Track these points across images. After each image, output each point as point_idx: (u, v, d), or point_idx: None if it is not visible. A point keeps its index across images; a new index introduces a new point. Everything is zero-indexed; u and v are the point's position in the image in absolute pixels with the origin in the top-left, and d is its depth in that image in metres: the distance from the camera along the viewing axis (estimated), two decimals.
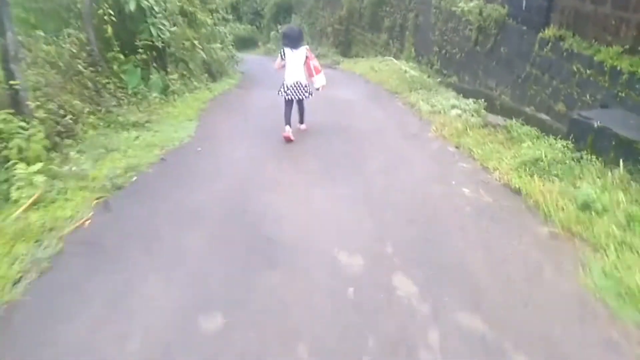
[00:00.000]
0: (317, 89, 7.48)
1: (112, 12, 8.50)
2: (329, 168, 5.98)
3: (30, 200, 4.90)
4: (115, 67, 8.62)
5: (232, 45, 25.40)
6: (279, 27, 24.06)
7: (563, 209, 4.58)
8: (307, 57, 7.22)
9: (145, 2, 8.77)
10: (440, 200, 5.00)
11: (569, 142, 5.86)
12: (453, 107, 8.23)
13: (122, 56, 8.67)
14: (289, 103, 7.15)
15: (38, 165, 5.28)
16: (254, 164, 6.21)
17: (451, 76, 12.80)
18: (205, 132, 7.55)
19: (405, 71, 12.18)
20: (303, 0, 23.92)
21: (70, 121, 6.87)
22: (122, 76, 8.65)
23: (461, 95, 10.75)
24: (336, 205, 4.91)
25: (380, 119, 8.16)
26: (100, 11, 8.45)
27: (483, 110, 7.83)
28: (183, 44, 10.83)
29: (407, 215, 4.60)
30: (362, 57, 19.04)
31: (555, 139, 6.22)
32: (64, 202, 5.03)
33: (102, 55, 8.67)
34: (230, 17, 21.62)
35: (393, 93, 10.21)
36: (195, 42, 11.05)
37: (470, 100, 8.75)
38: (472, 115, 7.68)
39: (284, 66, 7.18)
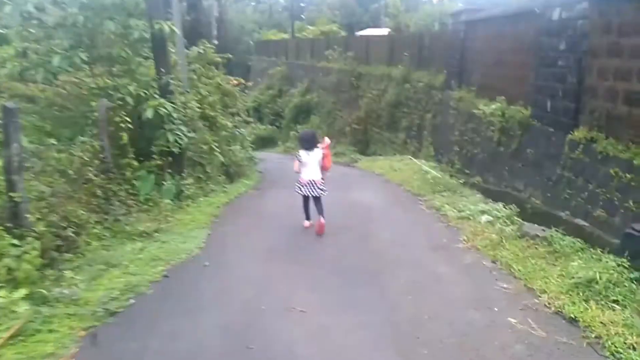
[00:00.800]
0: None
1: (128, 119, 8.23)
2: (349, 287, 5.19)
3: (7, 334, 4.17)
4: (128, 173, 8.20)
5: (253, 145, 25.72)
6: (298, 127, 24.24)
7: (634, 348, 3.68)
8: (323, 154, 7.52)
9: (163, 110, 8.51)
10: (483, 334, 4.12)
11: (624, 259, 5.01)
12: (483, 212, 7.51)
13: (135, 162, 8.28)
14: (306, 199, 7.53)
15: (22, 292, 4.60)
16: (264, 282, 5.45)
17: (474, 176, 12.18)
18: (215, 242, 6.89)
19: (427, 172, 11.61)
20: (322, 101, 24.25)
21: (72, 234, 6.29)
22: (135, 182, 8.20)
23: (487, 198, 10.07)
24: (358, 340, 4.06)
25: (404, 225, 7.44)
26: (117, 118, 8.18)
27: (516, 217, 7.07)
28: (201, 147, 10.51)
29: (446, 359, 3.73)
30: (380, 155, 18.72)
31: (603, 252, 5.39)
32: (48, 334, 4.29)
33: (116, 162, 8.28)
34: (251, 119, 21.89)
35: (415, 195, 9.56)
36: (214, 145, 10.74)
37: (500, 204, 8.03)
38: (506, 223, 6.92)
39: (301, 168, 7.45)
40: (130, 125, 8.24)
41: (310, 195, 7.35)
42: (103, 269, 5.81)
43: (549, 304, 4.61)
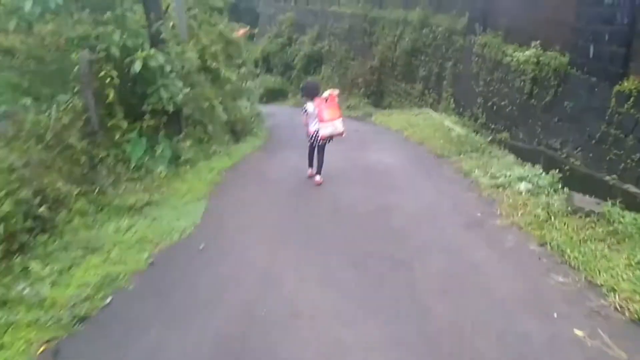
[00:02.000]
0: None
1: (115, 74, 7.11)
2: (369, 282, 4.23)
3: None
4: (117, 136, 7.17)
5: (262, 98, 24.43)
6: (309, 78, 22.83)
7: None
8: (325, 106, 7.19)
9: (154, 63, 7.36)
10: (545, 355, 3.14)
11: None
12: (520, 179, 6.42)
13: (125, 124, 7.22)
14: (312, 148, 7.42)
15: None
16: (267, 275, 4.48)
17: (501, 132, 10.97)
18: (213, 217, 5.91)
19: (450, 128, 10.42)
20: (333, 50, 22.67)
21: (46, 212, 5.34)
22: (125, 147, 7.18)
23: (518, 157, 8.92)
24: None
25: (430, 195, 6.38)
26: (102, 73, 7.06)
27: (562, 187, 5.98)
28: (201, 104, 9.39)
29: None
30: (396, 108, 17.44)
31: None
32: None
33: (103, 123, 7.24)
34: (258, 70, 20.60)
35: (439, 156, 8.44)
36: (216, 101, 9.61)
37: (538, 167, 6.93)
38: (549, 193, 5.83)
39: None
40: (117, 81, 7.12)
41: (316, 145, 7.27)
42: (80, 256, 4.90)
43: (621, 307, 3.60)
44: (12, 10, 7.05)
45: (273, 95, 24.34)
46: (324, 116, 7.08)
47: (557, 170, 7.46)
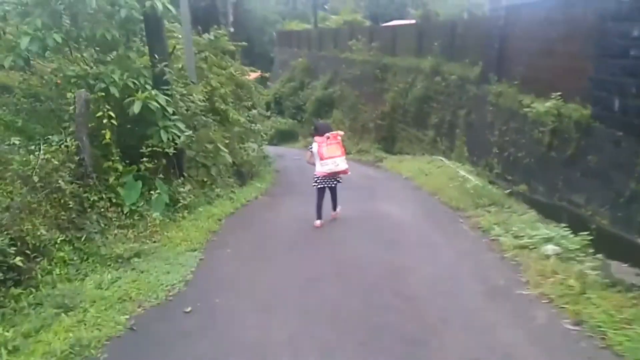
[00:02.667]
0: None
1: (113, 115, 6.68)
2: None
3: None
4: (111, 179, 6.67)
5: (273, 140, 24.12)
6: (320, 121, 22.55)
7: None
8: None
9: (154, 103, 6.94)
10: None
11: None
12: (546, 240, 5.77)
13: (120, 166, 6.73)
14: (320, 191, 7.18)
15: None
16: (258, 354, 3.82)
17: (518, 184, 10.36)
18: (206, 273, 5.31)
19: (464, 177, 9.85)
20: (345, 95, 22.46)
21: (22, 262, 4.77)
22: (120, 191, 6.67)
23: (538, 212, 8.29)
24: None
25: (446, 256, 5.72)
26: (100, 113, 6.64)
27: (594, 252, 5.33)
28: (205, 147, 8.94)
29: None
30: (407, 154, 16.94)
31: None
32: None
33: (98, 165, 6.77)
34: (268, 113, 20.31)
35: (454, 209, 7.82)
36: (220, 144, 9.15)
37: (564, 227, 6.30)
38: (580, 260, 5.17)
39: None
40: (114, 122, 6.68)
41: (324, 186, 7.14)
42: (53, 315, 4.30)
43: None
44: (9, 48, 6.72)
45: (284, 137, 24.06)
46: (324, 153, 6.97)
47: (583, 229, 6.82)
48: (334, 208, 7.34)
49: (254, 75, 29.07)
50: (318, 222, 7.05)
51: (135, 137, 7.39)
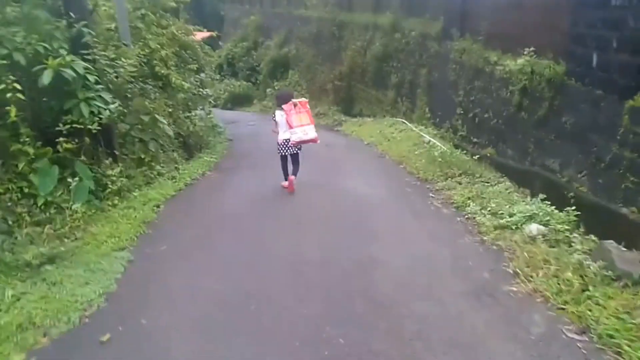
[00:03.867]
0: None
1: (19, 87, 5.38)
2: None
3: None
4: (21, 165, 5.45)
5: (228, 104, 22.63)
6: (275, 83, 21.21)
7: None
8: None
9: (70, 72, 5.67)
10: None
11: None
12: (529, 217, 5.03)
13: (31, 149, 5.50)
14: (284, 158, 7.15)
15: None
16: None
17: (485, 146, 9.65)
18: (134, 281, 4.29)
19: (429, 143, 9.03)
20: (301, 54, 21.11)
21: None
22: (33, 179, 5.47)
23: (507, 177, 7.58)
24: None
25: (420, 242, 4.86)
26: (2, 86, 5.33)
27: (591, 236, 4.60)
28: (141, 119, 7.70)
29: None
30: (367, 116, 16.02)
31: None
32: None
33: (5, 149, 5.52)
34: (222, 75, 18.85)
35: (422, 181, 7.01)
36: (158, 115, 7.93)
37: (545, 203, 5.57)
38: (571, 241, 4.44)
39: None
40: (21, 95, 5.40)
41: (287, 154, 7.06)
42: None
43: None
44: None
45: (238, 101, 22.64)
46: (293, 121, 6.84)
47: (560, 198, 6.15)
48: (294, 173, 7.10)
49: (202, 35, 27.16)
50: (286, 182, 7.03)
51: (52, 112, 6.11)
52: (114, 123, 6.94)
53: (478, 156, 7.85)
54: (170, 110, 10.01)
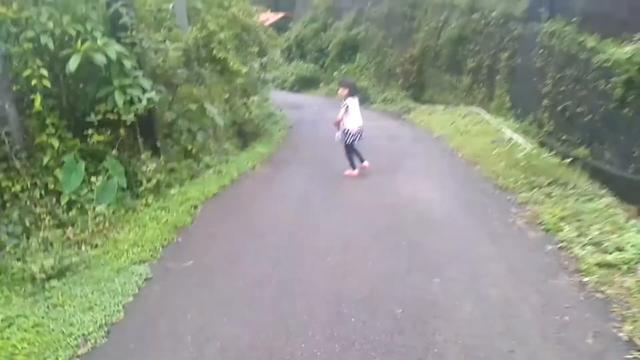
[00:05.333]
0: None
1: (45, 73, 4.77)
2: None
3: None
4: (46, 160, 4.87)
5: (295, 86, 21.80)
6: (343, 66, 20.09)
7: None
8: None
9: (101, 57, 4.98)
10: None
11: None
12: None
13: (56, 142, 4.90)
14: (351, 147, 6.84)
15: None
16: None
17: (577, 146, 8.14)
18: (147, 309, 3.52)
19: (510, 140, 7.69)
20: (370, 36, 19.80)
21: None
22: (58, 175, 4.88)
23: (604, 185, 6.15)
24: None
25: (497, 283, 3.62)
26: (28, 72, 4.74)
27: None
28: (189, 107, 7.00)
29: None
30: (439, 103, 14.60)
31: None
32: None
33: (31, 140, 4.97)
34: (281, 60, 17.91)
35: (502, 190, 5.77)
36: (208, 103, 7.17)
37: None
38: None
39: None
40: (46, 82, 4.79)
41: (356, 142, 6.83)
42: None
43: None
44: None
45: (305, 84, 21.82)
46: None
47: None
48: (363, 159, 6.95)
49: (274, 16, 26.41)
50: (354, 171, 6.84)
51: (87, 101, 5.50)
52: (156, 112, 6.27)
53: (570, 159, 6.45)
54: (226, 96, 9.31)
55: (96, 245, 4.43)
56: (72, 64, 4.84)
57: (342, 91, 6.82)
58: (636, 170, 6.60)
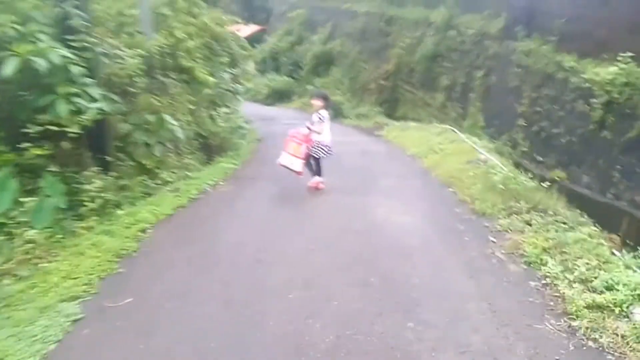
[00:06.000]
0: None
1: None
2: None
3: None
4: None
5: (268, 99, 21.27)
6: (317, 79, 19.73)
7: None
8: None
9: (41, 62, 4.38)
10: None
11: None
12: (638, 294, 3.35)
13: None
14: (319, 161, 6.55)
15: None
16: None
17: (552, 168, 7.88)
18: None
19: (486, 161, 7.37)
20: (345, 51, 19.52)
21: None
22: None
23: (582, 211, 5.83)
24: None
25: (478, 326, 3.16)
26: None
27: None
28: (147, 118, 6.41)
29: None
30: (412, 119, 14.32)
31: None
32: None
33: None
34: (253, 71, 17.40)
35: (479, 215, 5.37)
36: (166, 114, 6.60)
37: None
38: None
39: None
40: None
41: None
42: None
43: None
44: None
45: (278, 96, 21.35)
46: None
47: None
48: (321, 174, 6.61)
49: (248, 29, 25.92)
50: (320, 182, 6.48)
51: (27, 110, 4.87)
52: (108, 123, 5.67)
53: (548, 183, 6.13)
54: (192, 107, 8.73)
55: (20, 279, 3.79)
56: (8, 68, 4.23)
57: (316, 102, 6.56)
58: (616, 195, 6.32)
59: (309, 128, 6.43)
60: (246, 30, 24.13)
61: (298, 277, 3.87)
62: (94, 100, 5.01)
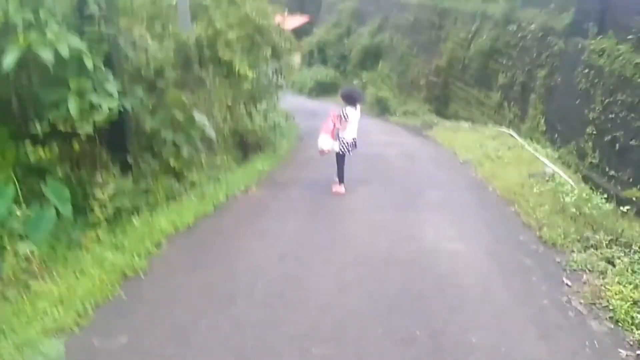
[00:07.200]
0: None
1: None
2: None
3: None
4: None
5: (313, 92, 20.54)
6: (364, 73, 18.80)
7: None
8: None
9: (47, 53, 3.81)
10: None
11: None
12: None
13: None
14: (343, 159, 6.31)
15: None
16: None
17: (628, 185, 6.72)
18: None
19: (553, 175, 6.34)
20: (394, 44, 18.46)
21: None
22: None
23: None
24: None
25: None
26: None
27: None
28: (174, 115, 5.79)
29: None
30: (464, 119, 13.20)
31: None
32: None
33: None
34: (298, 65, 16.74)
35: (548, 245, 4.43)
36: (196, 112, 5.97)
37: None
38: None
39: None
40: None
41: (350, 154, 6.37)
42: None
43: None
44: None
45: (324, 89, 20.60)
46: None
47: None
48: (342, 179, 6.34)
49: (296, 20, 25.19)
50: (341, 188, 6.22)
51: (39, 107, 4.34)
52: (130, 120, 5.10)
53: (627, 207, 5.08)
54: (229, 103, 8.11)
55: (8, 301, 3.23)
56: (8, 61, 3.68)
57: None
58: None
59: (334, 124, 6.25)
60: (293, 21, 23.48)
61: (325, 323, 3.12)
62: (110, 96, 4.42)
